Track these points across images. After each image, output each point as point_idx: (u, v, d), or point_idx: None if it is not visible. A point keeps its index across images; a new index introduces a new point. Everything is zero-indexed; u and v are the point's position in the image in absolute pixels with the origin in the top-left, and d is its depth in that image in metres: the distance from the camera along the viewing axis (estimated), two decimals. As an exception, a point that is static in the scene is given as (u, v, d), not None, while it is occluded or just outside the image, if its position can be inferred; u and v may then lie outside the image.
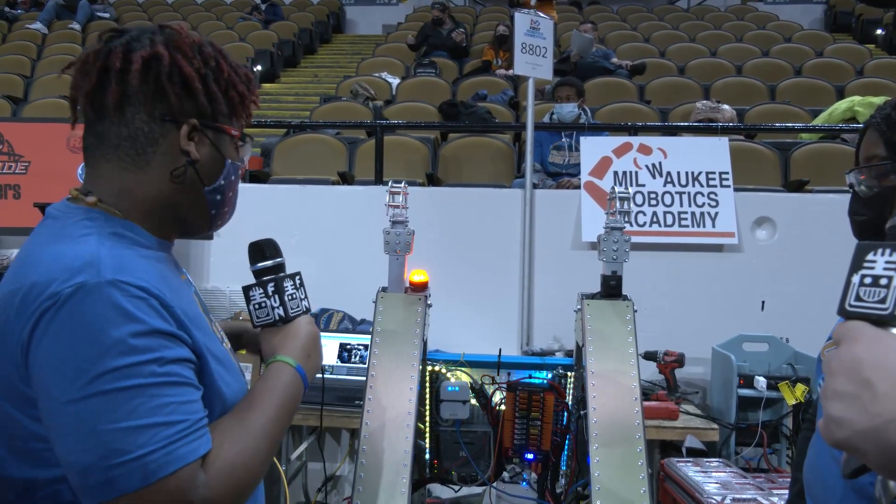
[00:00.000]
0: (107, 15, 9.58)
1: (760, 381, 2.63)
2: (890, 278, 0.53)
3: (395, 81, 6.56)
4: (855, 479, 0.55)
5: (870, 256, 0.55)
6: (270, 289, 1.03)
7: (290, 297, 1.03)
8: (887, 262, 0.53)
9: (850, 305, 0.55)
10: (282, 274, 1.05)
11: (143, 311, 0.81)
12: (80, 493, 0.80)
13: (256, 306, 1.03)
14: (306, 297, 1.07)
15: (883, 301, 0.53)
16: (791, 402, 2.54)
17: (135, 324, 0.80)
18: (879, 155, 0.97)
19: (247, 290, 1.04)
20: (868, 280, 0.54)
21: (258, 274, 1.05)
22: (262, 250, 1.06)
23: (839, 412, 0.52)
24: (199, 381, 0.88)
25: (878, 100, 4.16)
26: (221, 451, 0.85)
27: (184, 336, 0.86)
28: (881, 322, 0.53)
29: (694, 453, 2.53)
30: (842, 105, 4.24)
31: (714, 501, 2.02)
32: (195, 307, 0.96)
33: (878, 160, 0.97)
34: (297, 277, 1.06)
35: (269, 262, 1.05)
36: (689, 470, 2.28)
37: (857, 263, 0.55)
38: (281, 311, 1.02)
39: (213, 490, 0.82)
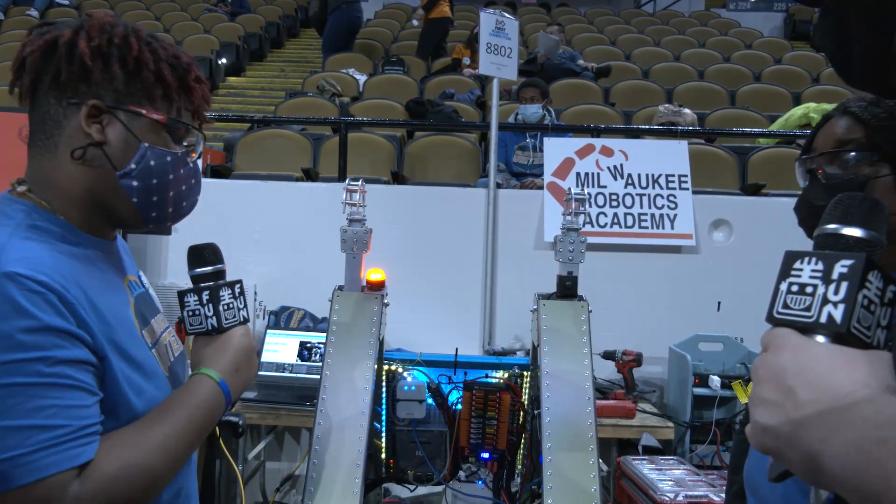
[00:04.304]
0: (66, 2, 9.29)
1: (715, 381, 2.69)
2: (815, 287, 0.54)
3: (362, 78, 6.52)
4: (780, 482, 0.56)
5: (797, 265, 0.56)
6: (206, 297, 0.98)
7: (226, 307, 0.99)
8: (813, 271, 0.55)
9: (778, 313, 0.56)
10: (220, 282, 1.00)
11: (38, 307, 0.78)
12: None
13: (190, 313, 0.98)
14: (245, 306, 1.02)
15: (808, 309, 0.54)
16: (744, 400, 2.60)
17: (26, 319, 0.77)
18: (855, 140, 0.93)
19: (182, 295, 0.99)
20: (795, 288, 0.55)
21: (196, 280, 1.00)
22: (202, 255, 1.01)
23: (764, 418, 0.53)
24: (101, 386, 0.84)
25: (832, 107, 4.28)
26: (105, 462, 0.80)
27: (83, 335, 0.82)
28: (806, 329, 0.54)
29: (650, 451, 2.57)
30: (797, 111, 4.35)
31: (667, 499, 2.06)
32: (121, 309, 0.93)
33: (854, 146, 0.93)
34: (237, 286, 1.02)
35: (208, 269, 1.01)
36: (645, 468, 2.32)
37: (785, 271, 0.57)
38: (214, 321, 0.98)
39: (83, 503, 0.78)
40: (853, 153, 0.93)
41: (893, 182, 0.90)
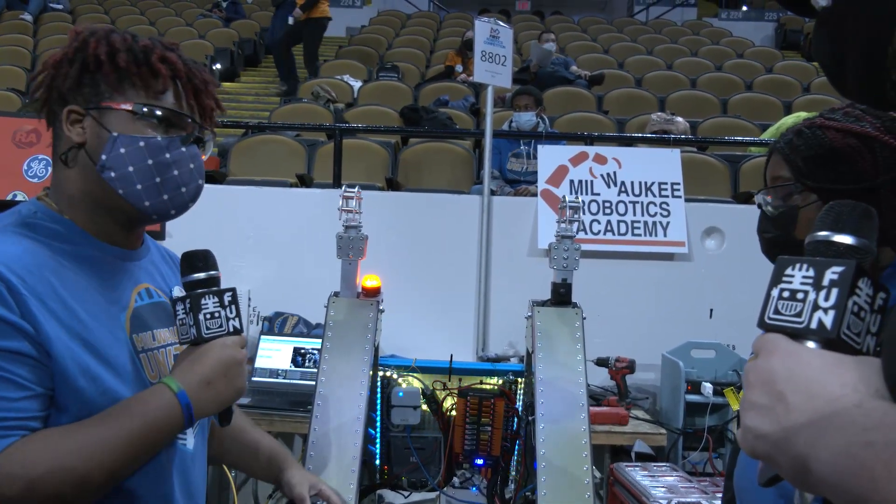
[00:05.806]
0: (60, 6, 9.28)
1: (707, 387, 2.70)
2: (806, 293, 0.55)
3: (357, 84, 6.54)
4: (770, 487, 0.57)
5: (788, 271, 0.57)
6: (188, 304, 0.94)
7: (208, 316, 0.94)
8: (804, 277, 0.56)
9: (769, 318, 0.57)
10: (204, 290, 0.96)
11: None
12: None
13: (179, 322, 0.95)
14: (237, 316, 0.97)
15: (799, 315, 0.55)
16: (736, 407, 2.61)
17: None
18: (783, 176, 1.01)
19: (174, 304, 0.96)
20: (786, 294, 0.56)
21: (187, 287, 0.97)
22: (193, 262, 0.98)
23: (754, 423, 0.54)
24: (46, 380, 0.84)
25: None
26: (7, 461, 0.78)
27: (25, 327, 0.82)
28: (797, 335, 0.55)
29: (643, 458, 2.58)
30: (788, 120, 4.38)
31: (659, 505, 2.06)
32: (107, 309, 0.93)
33: (782, 181, 1.01)
34: (228, 294, 0.96)
35: (200, 275, 0.97)
36: (637, 474, 2.33)
37: (777, 277, 0.57)
38: (194, 331, 0.93)
39: None
40: (784, 186, 1.01)
41: (820, 208, 0.95)
